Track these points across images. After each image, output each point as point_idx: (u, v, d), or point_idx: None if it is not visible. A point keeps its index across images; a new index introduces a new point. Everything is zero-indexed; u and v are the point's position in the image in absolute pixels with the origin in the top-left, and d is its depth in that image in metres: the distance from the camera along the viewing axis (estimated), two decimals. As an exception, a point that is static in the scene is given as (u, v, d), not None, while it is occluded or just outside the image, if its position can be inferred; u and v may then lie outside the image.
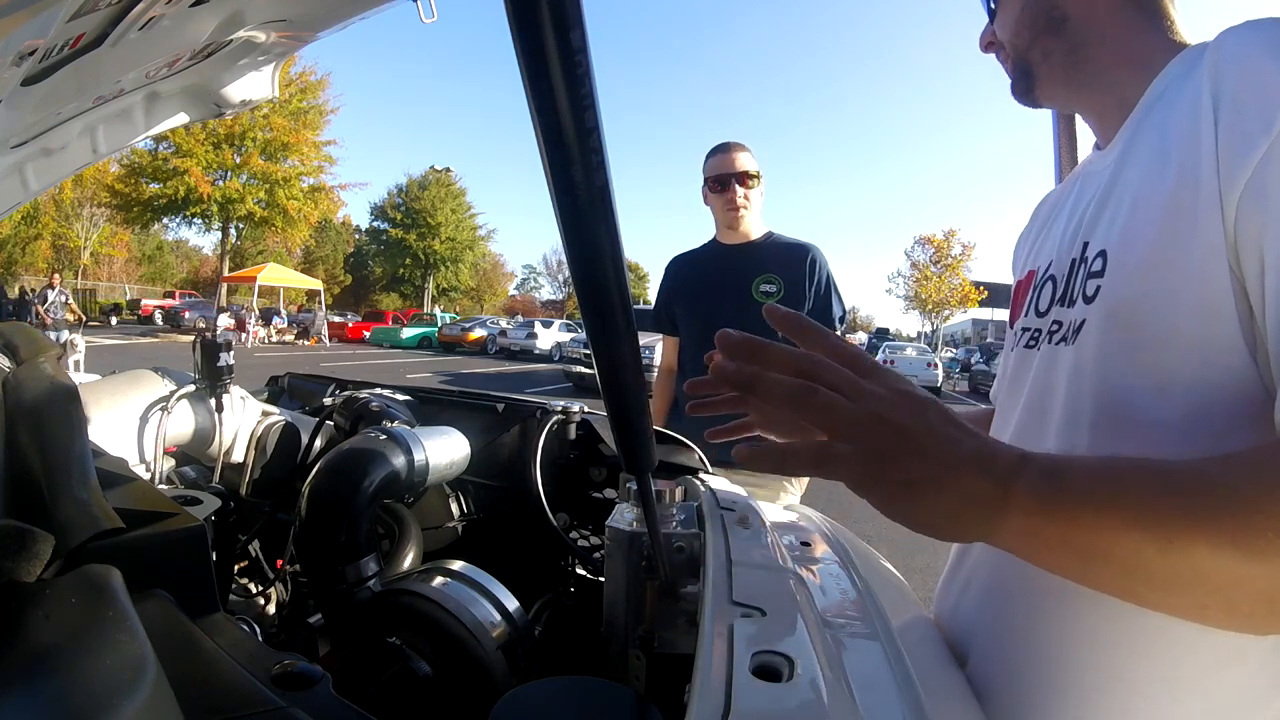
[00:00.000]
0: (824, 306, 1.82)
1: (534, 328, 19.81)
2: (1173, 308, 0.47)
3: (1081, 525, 0.38)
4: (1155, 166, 0.51)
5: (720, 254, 1.91)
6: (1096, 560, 0.38)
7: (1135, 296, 0.50)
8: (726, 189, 1.82)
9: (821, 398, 0.41)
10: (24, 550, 0.33)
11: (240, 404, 0.99)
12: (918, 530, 0.41)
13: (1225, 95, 0.45)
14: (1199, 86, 0.47)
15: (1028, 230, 0.78)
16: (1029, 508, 0.39)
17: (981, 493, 0.39)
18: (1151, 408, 0.48)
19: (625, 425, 0.33)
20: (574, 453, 1.09)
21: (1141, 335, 0.49)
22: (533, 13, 0.20)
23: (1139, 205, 0.51)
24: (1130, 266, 0.50)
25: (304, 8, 0.90)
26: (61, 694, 0.26)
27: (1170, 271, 0.47)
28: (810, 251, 1.83)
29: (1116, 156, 0.58)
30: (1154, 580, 0.37)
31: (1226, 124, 0.45)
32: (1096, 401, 0.52)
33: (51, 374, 0.56)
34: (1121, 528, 0.37)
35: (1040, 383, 0.61)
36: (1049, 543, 0.39)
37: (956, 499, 0.40)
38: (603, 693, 0.35)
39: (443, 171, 39.86)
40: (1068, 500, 0.38)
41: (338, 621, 0.71)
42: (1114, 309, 0.51)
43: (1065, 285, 0.59)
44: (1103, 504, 0.38)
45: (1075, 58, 0.62)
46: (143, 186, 23.06)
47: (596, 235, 0.25)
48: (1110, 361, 0.51)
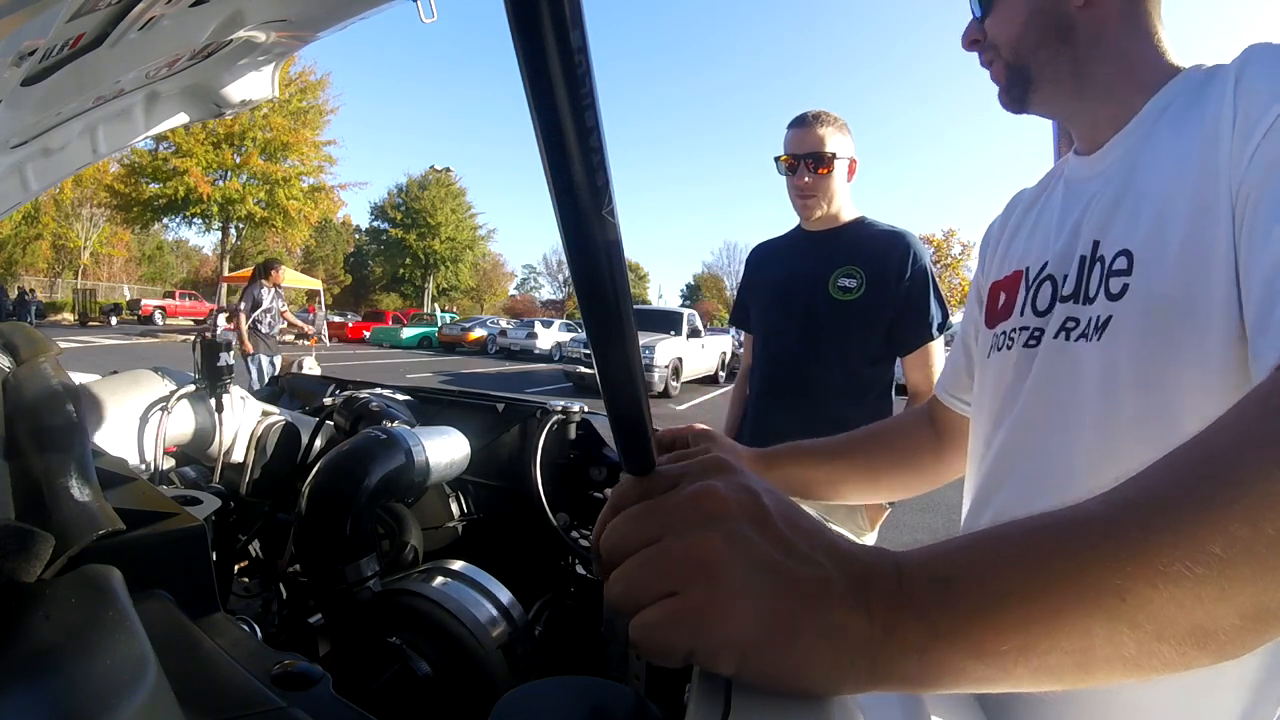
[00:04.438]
0: (916, 307, 1.54)
1: (534, 328, 19.80)
2: (1208, 297, 0.50)
3: (1002, 630, 0.28)
4: (1178, 171, 0.54)
5: (800, 242, 1.69)
6: (1031, 660, 0.28)
7: (1171, 291, 0.52)
8: (796, 172, 1.57)
9: (638, 561, 0.32)
10: (24, 550, 0.33)
11: (240, 404, 0.99)
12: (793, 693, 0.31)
13: (1243, 103, 0.50)
14: (1221, 99, 0.52)
15: (998, 229, 0.79)
16: (922, 639, 0.29)
17: (854, 635, 0.29)
18: (1194, 398, 0.51)
19: (625, 425, 0.33)
20: (574, 453, 1.09)
21: (1180, 327, 0.52)
22: (533, 12, 0.20)
23: (1166, 207, 0.54)
24: (1165, 263, 0.53)
25: (304, 8, 0.90)
26: (61, 694, 0.26)
27: (1202, 264, 0.50)
28: (903, 240, 1.56)
29: (1118, 162, 0.61)
30: (1112, 653, 0.27)
31: (1241, 122, 0.49)
32: (1138, 395, 0.54)
33: (51, 374, 0.56)
34: (1054, 609, 0.27)
35: (1051, 381, 0.62)
36: (962, 668, 0.29)
37: (823, 651, 0.29)
38: (603, 693, 0.35)
39: (443, 171, 39.90)
40: (976, 610, 0.28)
41: (338, 621, 0.71)
42: (1149, 305, 0.54)
43: (1078, 283, 0.61)
44: (1023, 592, 0.28)
45: (1080, 68, 0.64)
46: (143, 186, 23.11)
47: (596, 235, 0.25)
48: (1150, 355, 0.54)
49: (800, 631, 0.29)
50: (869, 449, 0.86)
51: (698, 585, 0.30)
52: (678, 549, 0.31)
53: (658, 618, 0.30)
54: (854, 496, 0.88)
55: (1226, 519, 0.27)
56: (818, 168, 1.56)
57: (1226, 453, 0.30)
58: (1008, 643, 0.28)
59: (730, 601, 0.29)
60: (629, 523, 0.34)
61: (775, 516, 0.32)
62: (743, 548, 0.31)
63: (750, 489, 0.33)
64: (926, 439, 0.87)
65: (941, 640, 0.28)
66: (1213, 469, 0.29)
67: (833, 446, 0.84)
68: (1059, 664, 0.28)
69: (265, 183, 24.21)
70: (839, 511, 1.55)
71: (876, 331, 1.57)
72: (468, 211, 41.40)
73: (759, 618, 0.29)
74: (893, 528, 1.84)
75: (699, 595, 0.30)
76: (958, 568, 0.30)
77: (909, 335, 1.57)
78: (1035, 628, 0.28)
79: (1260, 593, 0.26)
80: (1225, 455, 0.29)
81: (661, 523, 0.32)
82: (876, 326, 1.56)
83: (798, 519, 0.33)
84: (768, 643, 0.29)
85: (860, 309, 1.55)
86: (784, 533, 0.32)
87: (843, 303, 1.57)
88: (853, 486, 0.86)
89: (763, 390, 1.70)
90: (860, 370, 1.58)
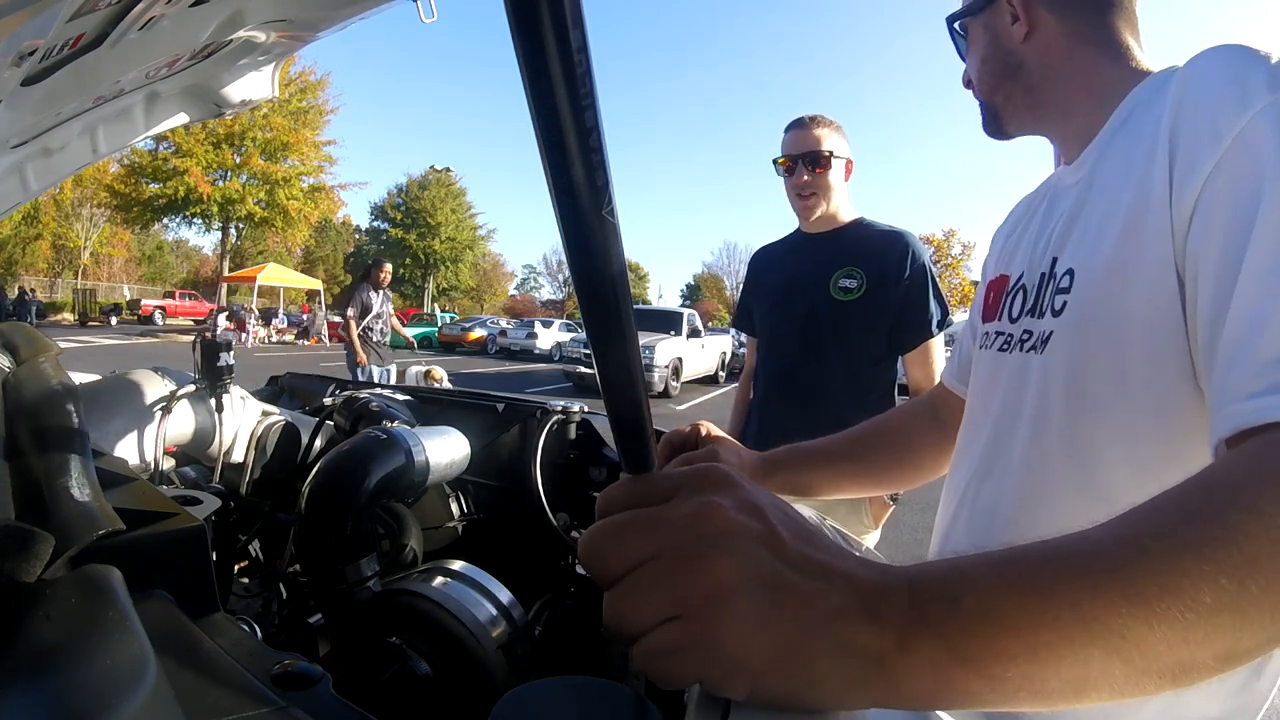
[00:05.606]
0: (916, 305, 1.55)
1: (534, 328, 19.80)
2: (1126, 319, 0.52)
3: (1010, 655, 0.28)
4: (1117, 189, 0.55)
5: (800, 245, 1.71)
6: (1034, 684, 0.29)
7: (1094, 310, 0.55)
8: (794, 172, 1.60)
9: (637, 576, 0.31)
10: (24, 550, 0.33)
11: (240, 404, 0.99)
12: None
13: (1182, 120, 0.49)
14: (1161, 112, 0.52)
15: (1004, 227, 0.83)
16: (936, 657, 0.29)
17: (867, 651, 0.29)
18: (1113, 415, 0.53)
19: (625, 426, 0.33)
20: (574, 453, 1.09)
21: (1101, 345, 0.54)
22: (533, 12, 0.20)
23: (1103, 225, 0.56)
24: (1092, 283, 0.56)
25: (304, 8, 0.90)
26: (61, 694, 0.26)
27: (1124, 285, 0.52)
28: (902, 239, 1.58)
29: (1084, 177, 0.63)
30: (1103, 682, 0.29)
31: (1181, 145, 0.49)
32: (1064, 406, 0.57)
33: (51, 374, 0.55)
34: (1061, 639, 0.28)
35: (1012, 389, 0.65)
36: (970, 689, 0.29)
37: (835, 670, 0.29)
38: (603, 692, 0.35)
39: (443, 171, 39.90)
40: (983, 629, 0.29)
41: (338, 621, 0.71)
42: (1079, 322, 0.56)
43: (1035, 297, 0.64)
44: (1033, 621, 0.28)
45: (1033, 97, 0.69)
46: (143, 186, 23.11)
47: (596, 235, 0.25)
48: (1077, 371, 0.56)
49: (813, 651, 0.29)
50: (871, 444, 0.87)
51: (705, 610, 0.29)
52: (682, 571, 0.30)
53: (663, 645, 0.29)
54: (859, 491, 0.89)
55: (1217, 573, 0.29)
56: (815, 167, 1.58)
57: (1220, 511, 0.31)
58: (1013, 669, 0.28)
59: (742, 627, 0.29)
60: (620, 532, 0.32)
61: (783, 533, 0.31)
62: (752, 570, 0.30)
63: (756, 505, 0.32)
64: (928, 430, 0.88)
65: (955, 658, 0.29)
66: (1208, 524, 0.30)
67: (835, 445, 0.85)
68: (1058, 689, 0.29)
69: (265, 183, 24.20)
70: (841, 509, 1.55)
71: (878, 331, 1.58)
72: (468, 211, 41.41)
73: (772, 642, 0.29)
74: (893, 527, 1.84)
75: (707, 621, 0.29)
76: (969, 588, 0.30)
77: (909, 333, 1.58)
78: (1042, 653, 0.28)
79: (1235, 640, 0.29)
80: (1218, 512, 0.31)
81: (659, 540, 0.31)
82: (878, 326, 1.57)
83: (804, 534, 0.32)
84: (781, 666, 0.29)
85: (861, 309, 1.56)
86: (792, 550, 0.31)
87: (844, 303, 1.57)
88: (857, 482, 0.87)
89: (766, 392, 1.71)
90: (862, 370, 1.59)
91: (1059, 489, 0.57)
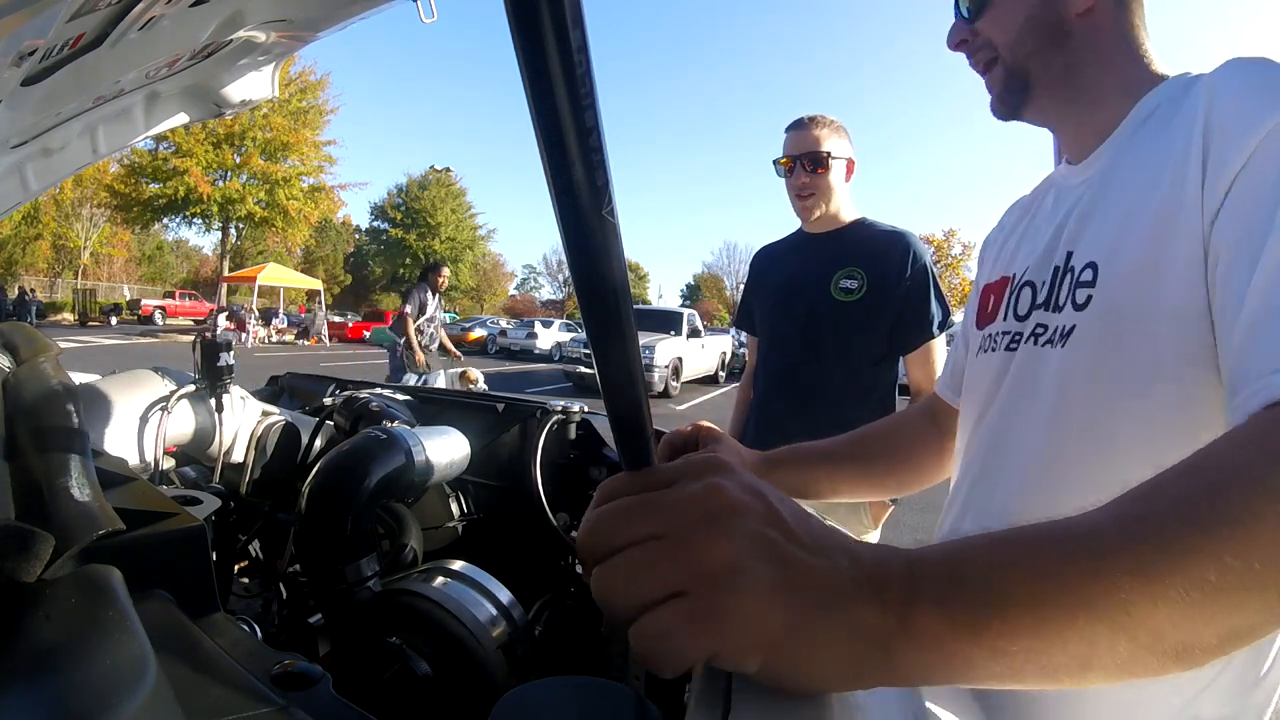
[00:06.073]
0: (917, 305, 1.55)
1: (534, 328, 19.80)
2: (1156, 313, 0.52)
3: (1014, 630, 0.29)
4: (1146, 185, 0.56)
5: (801, 245, 1.71)
6: (1039, 659, 0.29)
7: (1124, 303, 0.55)
8: (793, 173, 1.59)
9: (635, 555, 0.30)
10: (24, 550, 0.33)
11: (240, 404, 0.99)
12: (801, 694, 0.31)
13: (1215, 127, 0.51)
14: (1193, 115, 0.53)
15: (996, 234, 0.82)
16: (939, 630, 0.29)
17: (870, 628, 0.29)
18: (1138, 410, 0.54)
19: (625, 425, 0.33)
20: (574, 453, 1.09)
21: (1132, 337, 0.54)
22: (533, 12, 0.20)
23: (1129, 220, 0.56)
24: (1120, 276, 0.55)
25: (304, 8, 0.90)
26: (61, 694, 0.26)
27: (1155, 280, 0.53)
28: (903, 239, 1.58)
29: (1099, 172, 0.63)
30: (1108, 659, 0.29)
31: (1214, 147, 0.50)
32: (1087, 402, 0.57)
33: (51, 374, 0.56)
34: (1067, 615, 0.28)
35: (1021, 384, 0.64)
36: (972, 663, 0.29)
37: (841, 645, 0.29)
38: (603, 693, 0.35)
39: (443, 171, 39.91)
40: (986, 604, 0.29)
41: (338, 621, 0.71)
42: (1106, 315, 0.56)
43: (1050, 291, 0.63)
44: (1037, 596, 0.29)
45: (1073, 74, 0.66)
46: (143, 186, 23.12)
47: (596, 235, 0.25)
48: (1103, 364, 0.56)
49: (820, 626, 0.29)
50: (870, 448, 0.87)
51: (715, 585, 0.29)
52: (688, 548, 0.30)
53: (670, 621, 0.29)
54: (857, 495, 0.89)
55: (1222, 551, 0.29)
56: (815, 167, 1.57)
57: (1226, 488, 0.31)
58: (1018, 642, 0.29)
59: (755, 599, 0.29)
60: (620, 515, 0.32)
61: (784, 514, 0.32)
62: (761, 545, 0.30)
63: (757, 488, 0.33)
64: (927, 435, 0.88)
65: (957, 633, 0.29)
66: (1214, 501, 0.30)
67: (834, 447, 0.85)
68: (1063, 665, 0.29)
69: (265, 183, 24.21)
70: (841, 509, 1.55)
71: (879, 332, 1.57)
72: (468, 211, 41.41)
73: (783, 613, 0.29)
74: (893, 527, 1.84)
75: (719, 594, 0.29)
76: (971, 566, 0.31)
77: (910, 333, 1.58)
78: (1047, 628, 0.28)
79: (1237, 619, 0.29)
80: (1224, 490, 0.31)
81: (661, 519, 0.31)
82: (879, 327, 1.57)
83: (803, 516, 0.33)
84: (790, 639, 0.29)
85: (862, 310, 1.56)
86: (796, 530, 0.31)
87: (845, 304, 1.57)
88: (855, 485, 0.86)
89: (767, 392, 1.71)
90: (863, 371, 1.59)
91: (1076, 483, 0.57)
